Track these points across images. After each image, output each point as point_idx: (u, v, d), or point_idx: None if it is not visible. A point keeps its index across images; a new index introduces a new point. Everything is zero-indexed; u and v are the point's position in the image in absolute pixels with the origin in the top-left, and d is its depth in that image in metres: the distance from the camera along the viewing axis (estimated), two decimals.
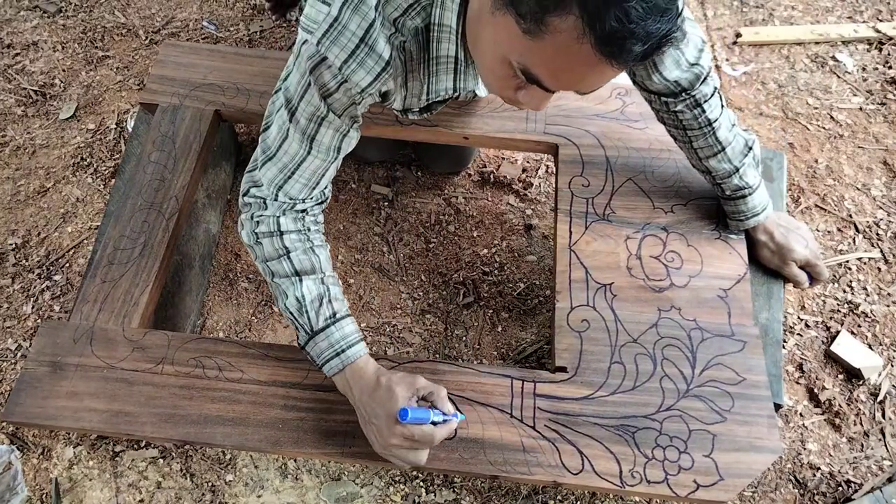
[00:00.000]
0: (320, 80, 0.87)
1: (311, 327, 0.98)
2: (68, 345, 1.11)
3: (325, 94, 0.89)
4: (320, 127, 0.94)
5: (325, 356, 0.98)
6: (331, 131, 0.95)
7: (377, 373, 0.96)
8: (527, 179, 1.67)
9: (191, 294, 1.42)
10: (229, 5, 2.06)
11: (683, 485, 0.99)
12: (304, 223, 1.02)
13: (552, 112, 1.34)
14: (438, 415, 0.93)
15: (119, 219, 1.24)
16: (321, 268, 1.00)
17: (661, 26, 0.63)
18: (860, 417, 1.40)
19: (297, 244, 1.00)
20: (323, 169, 0.99)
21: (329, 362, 0.98)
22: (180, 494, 1.32)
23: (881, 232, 1.63)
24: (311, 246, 1.01)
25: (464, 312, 1.51)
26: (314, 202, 1.04)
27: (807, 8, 2.07)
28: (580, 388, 1.07)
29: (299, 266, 0.99)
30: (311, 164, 0.97)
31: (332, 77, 0.87)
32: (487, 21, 0.74)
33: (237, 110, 1.37)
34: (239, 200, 1.05)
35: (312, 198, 1.03)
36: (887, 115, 1.82)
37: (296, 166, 0.97)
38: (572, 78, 0.72)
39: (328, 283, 1.00)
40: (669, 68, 1.04)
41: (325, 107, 0.91)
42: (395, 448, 0.93)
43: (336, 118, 0.93)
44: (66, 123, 1.81)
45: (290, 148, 0.96)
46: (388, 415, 0.91)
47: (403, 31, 0.87)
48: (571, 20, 0.64)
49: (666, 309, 1.14)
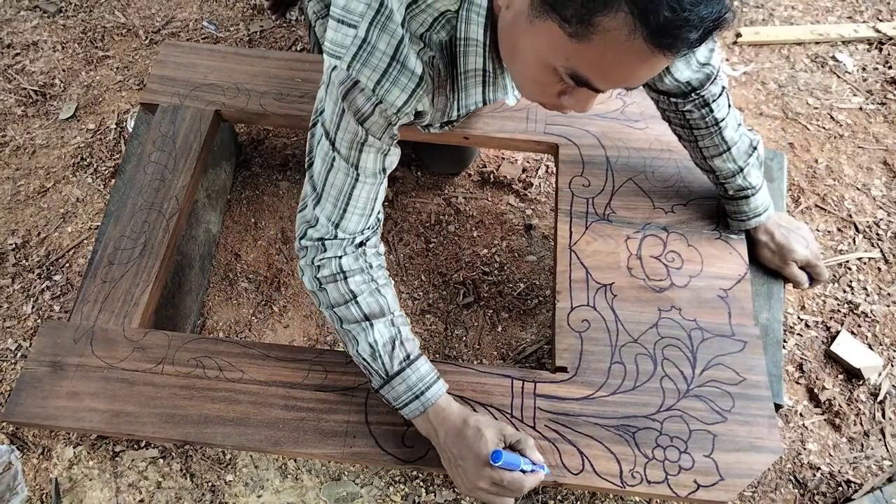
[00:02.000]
0: (354, 105, 0.85)
1: (385, 372, 0.95)
2: (68, 345, 1.11)
3: (361, 119, 0.87)
4: (361, 152, 0.91)
5: (404, 399, 0.95)
6: (373, 154, 0.92)
7: (462, 413, 0.94)
8: (527, 179, 1.67)
9: (191, 294, 1.42)
10: (229, 5, 2.06)
11: (684, 485, 0.99)
12: (367, 259, 0.99)
13: (552, 112, 1.34)
14: (528, 463, 0.91)
15: (119, 219, 1.24)
16: (389, 308, 0.97)
17: (713, 8, 0.62)
18: (860, 417, 1.40)
19: (362, 286, 0.96)
20: (374, 193, 0.96)
21: (409, 405, 0.95)
22: (180, 494, 1.32)
23: (881, 232, 1.63)
24: (377, 287, 0.97)
25: (464, 312, 1.51)
26: (371, 231, 1.00)
27: (807, 8, 2.07)
28: (580, 389, 1.07)
29: (368, 310, 0.96)
30: (363, 192, 0.94)
31: (366, 100, 0.85)
32: (525, 30, 0.73)
33: (237, 110, 1.37)
34: (295, 245, 1.01)
35: (370, 227, 0.99)
36: (887, 115, 1.82)
37: (348, 197, 0.94)
38: (624, 74, 0.71)
39: (398, 323, 0.98)
40: (681, 69, 1.03)
41: (364, 131, 0.88)
42: (481, 492, 0.91)
43: (376, 140, 0.90)
44: (66, 123, 1.81)
45: (336, 179, 0.93)
46: (478, 457, 0.89)
47: (431, 45, 0.85)
48: (622, 17, 0.62)
49: (666, 309, 1.14)
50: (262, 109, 1.35)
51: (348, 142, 0.90)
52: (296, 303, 1.50)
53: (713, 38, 0.94)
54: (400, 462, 1.02)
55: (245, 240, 1.59)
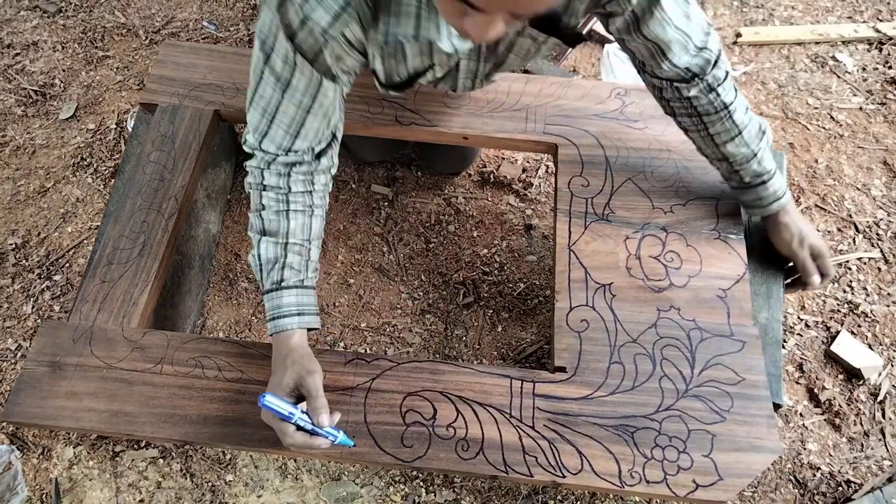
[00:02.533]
0: (285, 17, 0.86)
1: (261, 286, 1.02)
2: (68, 345, 1.11)
3: (291, 35, 0.88)
4: (294, 72, 0.93)
5: (268, 315, 1.01)
6: (304, 79, 0.93)
7: (292, 353, 0.97)
8: (527, 179, 1.67)
9: (190, 294, 1.42)
10: (229, 5, 2.06)
11: (683, 485, 0.99)
12: (289, 181, 1.01)
13: (551, 112, 1.34)
14: (308, 423, 0.91)
15: (119, 219, 1.24)
16: (287, 233, 1.01)
17: None
18: (860, 417, 1.40)
19: (272, 203, 1.01)
20: (300, 118, 0.98)
21: (269, 322, 1.01)
22: (180, 494, 1.32)
23: (881, 232, 1.63)
24: (287, 210, 1.01)
25: (464, 312, 1.51)
26: (301, 156, 1.02)
27: (807, 8, 2.07)
28: (579, 388, 1.07)
29: (267, 226, 1.01)
30: (287, 110, 0.96)
31: (294, 14, 0.86)
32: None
33: (237, 110, 1.37)
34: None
35: (297, 150, 1.01)
36: (887, 115, 1.82)
37: (273, 111, 0.96)
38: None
39: (290, 249, 1.01)
40: (678, 54, 1.03)
41: (293, 49, 0.89)
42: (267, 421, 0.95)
43: (307, 65, 0.91)
44: (66, 123, 1.82)
45: (265, 92, 0.95)
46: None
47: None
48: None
49: (665, 309, 1.14)
50: None
51: (282, 57, 0.91)
52: None
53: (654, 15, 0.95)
54: (399, 462, 1.02)
55: (245, 240, 1.59)
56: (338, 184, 1.66)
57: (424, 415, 1.05)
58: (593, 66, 1.95)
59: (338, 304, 1.51)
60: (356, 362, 1.09)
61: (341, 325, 1.48)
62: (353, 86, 1.35)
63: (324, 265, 1.56)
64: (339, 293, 1.52)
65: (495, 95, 1.36)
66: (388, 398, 1.06)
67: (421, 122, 1.33)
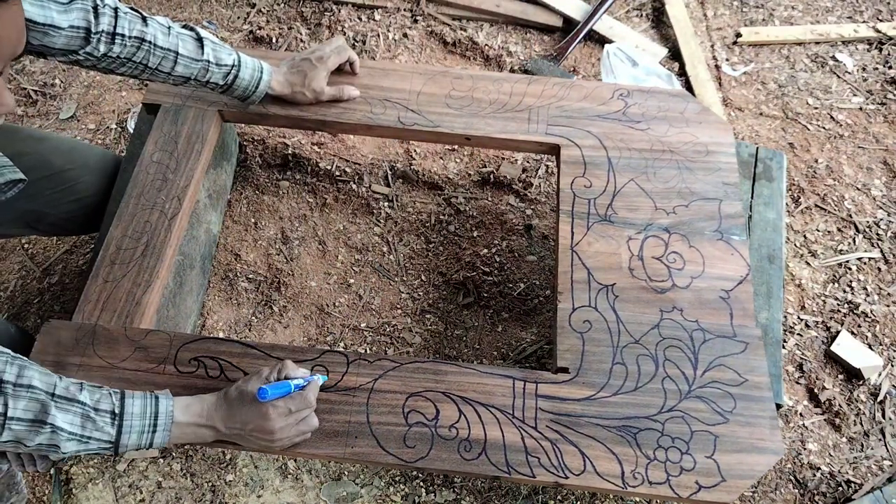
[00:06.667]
0: None
1: (109, 440, 0.89)
2: (70, 345, 1.10)
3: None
4: None
5: (146, 439, 0.91)
6: None
7: (212, 397, 0.97)
8: (527, 179, 1.67)
9: (192, 294, 1.42)
10: (229, 5, 2.06)
11: (685, 486, 1.00)
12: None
13: (554, 113, 1.34)
14: (302, 382, 0.98)
15: (121, 219, 1.24)
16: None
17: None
18: (860, 417, 1.41)
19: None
20: None
21: (160, 434, 0.92)
22: (180, 494, 1.32)
23: (881, 232, 1.63)
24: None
25: (464, 312, 1.51)
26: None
27: (807, 8, 2.07)
28: (582, 389, 1.07)
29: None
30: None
31: None
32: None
33: (238, 111, 1.37)
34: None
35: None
36: (887, 115, 1.82)
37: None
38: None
39: (66, 406, 0.86)
40: (53, 17, 0.96)
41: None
42: (286, 433, 0.95)
43: None
44: (66, 123, 1.81)
45: None
46: (258, 412, 0.93)
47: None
48: None
49: (668, 310, 1.14)
50: (263, 110, 1.34)
51: None
52: (296, 303, 1.50)
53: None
54: (401, 462, 1.02)
55: (245, 240, 1.59)
56: (338, 184, 1.66)
57: (427, 415, 1.05)
58: (593, 66, 1.95)
59: (338, 304, 1.51)
60: (358, 363, 1.09)
61: (341, 326, 1.48)
62: (356, 87, 1.36)
63: (324, 265, 1.56)
64: (339, 293, 1.52)
65: (498, 96, 1.36)
66: (390, 398, 1.06)
67: (423, 123, 1.33)
